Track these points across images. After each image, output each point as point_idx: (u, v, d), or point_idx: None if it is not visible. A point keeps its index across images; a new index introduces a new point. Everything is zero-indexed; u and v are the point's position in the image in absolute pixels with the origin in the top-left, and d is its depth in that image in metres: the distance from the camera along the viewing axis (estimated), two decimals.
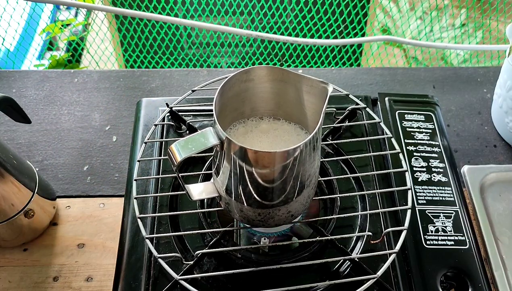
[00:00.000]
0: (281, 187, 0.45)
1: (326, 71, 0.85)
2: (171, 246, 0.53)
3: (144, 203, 0.57)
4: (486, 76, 0.83)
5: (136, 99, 0.73)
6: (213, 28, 0.90)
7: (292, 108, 0.50)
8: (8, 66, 1.15)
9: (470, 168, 0.66)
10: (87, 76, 0.82)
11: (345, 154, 0.61)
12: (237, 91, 0.48)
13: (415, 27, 1.23)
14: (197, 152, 0.42)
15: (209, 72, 0.83)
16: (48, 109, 0.76)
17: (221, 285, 0.51)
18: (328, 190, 0.58)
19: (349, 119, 0.64)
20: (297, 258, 0.52)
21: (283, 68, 0.47)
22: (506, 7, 1.09)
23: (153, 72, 0.82)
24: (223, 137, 0.42)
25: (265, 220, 0.48)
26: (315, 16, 1.17)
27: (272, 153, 0.41)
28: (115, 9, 0.92)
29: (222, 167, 0.45)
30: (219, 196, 0.49)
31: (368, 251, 0.53)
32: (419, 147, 0.63)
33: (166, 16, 1.05)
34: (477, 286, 0.51)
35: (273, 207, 0.47)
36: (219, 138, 0.42)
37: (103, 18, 1.18)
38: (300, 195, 0.47)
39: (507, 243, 0.59)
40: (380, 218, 0.56)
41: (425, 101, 0.68)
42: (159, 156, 0.61)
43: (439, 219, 0.56)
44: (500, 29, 1.11)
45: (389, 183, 0.59)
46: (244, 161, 0.42)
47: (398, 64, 1.29)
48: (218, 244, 0.51)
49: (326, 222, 0.55)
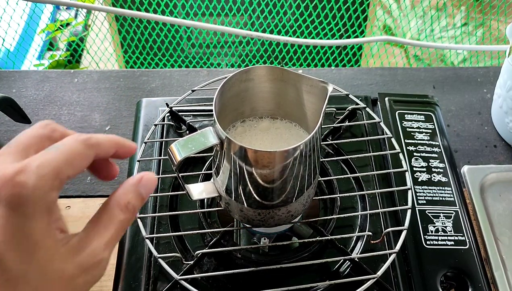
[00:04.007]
0: (281, 187, 0.45)
1: (326, 72, 0.85)
2: (171, 246, 0.53)
3: (144, 203, 0.57)
4: (486, 76, 0.83)
5: (136, 99, 0.73)
6: (213, 29, 0.90)
7: (292, 108, 0.50)
8: (8, 66, 1.15)
9: (470, 168, 0.66)
10: (87, 76, 0.82)
11: (345, 154, 0.61)
12: (236, 91, 0.48)
13: (416, 27, 1.23)
14: (197, 152, 0.41)
15: (209, 73, 0.83)
16: (48, 109, 0.76)
17: (221, 285, 0.51)
18: (328, 190, 0.58)
19: (349, 119, 0.64)
20: (297, 258, 0.52)
21: (283, 68, 0.47)
22: (506, 7, 1.09)
23: (153, 72, 0.82)
24: (223, 137, 0.42)
25: (265, 220, 0.48)
26: (315, 17, 1.17)
27: (272, 152, 0.41)
28: (115, 9, 0.92)
29: (222, 166, 0.45)
30: (219, 196, 0.49)
31: (368, 251, 0.53)
32: (419, 147, 0.63)
33: (166, 17, 1.05)
34: (477, 286, 0.51)
35: (273, 207, 0.47)
36: (219, 138, 0.42)
37: (103, 19, 1.18)
38: (301, 195, 0.47)
39: (507, 243, 0.59)
40: (380, 218, 0.56)
41: (425, 102, 0.68)
42: (159, 156, 0.61)
43: (439, 219, 0.56)
44: (500, 29, 1.11)
45: (389, 183, 0.59)
46: (244, 161, 0.42)
47: (398, 64, 1.29)
48: (218, 244, 0.51)
49: (326, 222, 0.55)
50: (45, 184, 0.28)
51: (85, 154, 0.31)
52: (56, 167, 0.29)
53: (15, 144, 0.31)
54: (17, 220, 0.27)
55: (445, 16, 1.37)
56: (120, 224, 0.33)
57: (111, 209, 0.33)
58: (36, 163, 0.28)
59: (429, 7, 1.14)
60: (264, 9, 1.15)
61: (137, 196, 0.34)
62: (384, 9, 1.33)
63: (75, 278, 0.30)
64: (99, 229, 0.32)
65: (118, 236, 0.33)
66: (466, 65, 1.25)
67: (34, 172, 0.28)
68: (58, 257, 0.29)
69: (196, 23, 0.89)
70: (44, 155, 0.29)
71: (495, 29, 1.12)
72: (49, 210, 0.29)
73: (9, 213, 0.27)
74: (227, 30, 0.88)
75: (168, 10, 1.15)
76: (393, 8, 1.32)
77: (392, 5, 1.28)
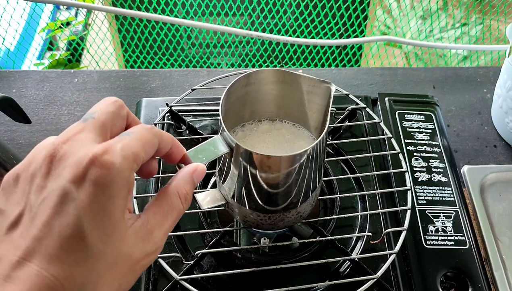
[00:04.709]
0: (293, 190, 0.45)
1: (326, 72, 0.85)
2: (171, 246, 0.53)
3: (144, 203, 0.57)
4: (486, 76, 0.83)
5: (136, 99, 0.73)
6: (213, 29, 0.90)
7: (292, 108, 0.50)
8: (8, 66, 1.15)
9: (470, 168, 0.66)
10: (87, 76, 0.81)
11: (345, 154, 0.61)
12: (238, 95, 0.47)
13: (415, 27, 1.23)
14: (208, 162, 0.40)
15: (209, 72, 0.83)
16: (48, 109, 0.76)
17: (221, 285, 0.51)
18: (328, 190, 0.58)
19: (349, 119, 0.64)
20: (297, 258, 0.52)
21: (284, 70, 0.47)
22: (506, 7, 1.09)
23: (153, 72, 0.82)
24: (233, 145, 0.41)
25: (275, 222, 0.48)
26: (315, 17, 1.17)
27: (286, 156, 0.41)
28: (115, 9, 0.92)
29: (230, 173, 0.44)
30: (226, 203, 0.48)
31: (368, 251, 0.53)
32: (419, 147, 0.63)
33: (166, 16, 1.05)
34: (477, 286, 0.51)
35: (284, 210, 0.47)
36: (229, 146, 0.42)
37: (103, 19, 1.18)
38: (310, 195, 0.47)
39: (507, 243, 0.59)
40: (380, 218, 0.56)
41: (425, 101, 0.68)
42: None
43: (439, 219, 0.56)
44: (500, 29, 1.11)
45: (389, 183, 0.59)
46: (256, 167, 0.42)
47: (398, 64, 1.29)
48: (218, 244, 0.51)
49: (326, 222, 0.55)
50: (129, 165, 0.29)
51: (154, 141, 0.32)
52: (135, 151, 0.30)
53: (93, 121, 0.32)
54: (103, 199, 0.28)
55: (445, 16, 1.37)
56: (179, 213, 0.34)
57: (171, 197, 0.33)
58: (119, 145, 0.30)
59: (429, 7, 1.14)
60: (264, 9, 1.15)
61: (192, 186, 0.35)
62: (384, 8, 1.33)
63: (138, 262, 0.31)
64: (160, 217, 0.32)
65: (174, 224, 0.34)
66: (466, 65, 1.25)
67: (119, 154, 0.29)
68: (128, 240, 0.30)
69: (196, 23, 0.89)
70: (122, 139, 0.30)
71: (495, 29, 1.12)
72: (129, 191, 0.30)
73: (97, 192, 0.28)
74: (227, 30, 0.88)
75: (168, 10, 1.15)
76: (393, 8, 1.32)
77: (392, 5, 1.28)
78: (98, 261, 0.28)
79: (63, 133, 0.31)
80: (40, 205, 0.28)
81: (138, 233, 0.31)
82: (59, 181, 0.28)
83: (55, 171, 0.28)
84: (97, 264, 0.28)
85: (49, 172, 0.28)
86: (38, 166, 0.29)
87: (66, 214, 0.27)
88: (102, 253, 0.28)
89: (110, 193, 0.28)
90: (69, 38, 1.33)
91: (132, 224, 0.31)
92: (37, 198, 0.28)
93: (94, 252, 0.28)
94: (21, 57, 1.20)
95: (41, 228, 0.27)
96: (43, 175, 0.28)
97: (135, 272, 0.31)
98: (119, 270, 0.29)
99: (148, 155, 0.32)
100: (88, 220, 0.27)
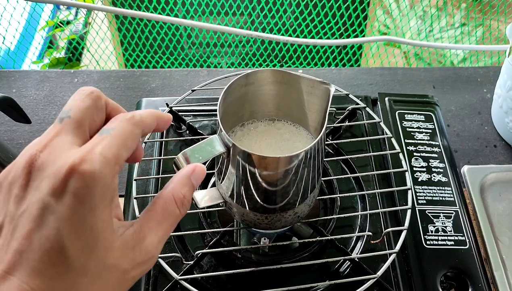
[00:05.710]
0: (290, 191, 0.44)
1: (326, 71, 0.85)
2: (171, 246, 0.53)
3: (144, 203, 0.57)
4: (486, 76, 0.83)
5: (136, 99, 0.73)
6: (213, 28, 0.90)
7: (292, 109, 0.50)
8: (8, 66, 1.15)
9: (470, 168, 0.66)
10: (87, 76, 0.82)
11: (345, 153, 0.61)
12: (237, 95, 0.47)
13: (415, 27, 1.23)
14: (205, 161, 0.40)
15: (209, 72, 0.83)
16: (48, 109, 0.76)
17: (221, 285, 0.51)
18: (328, 190, 0.58)
19: (349, 119, 0.64)
20: (297, 258, 0.52)
21: (283, 70, 0.47)
22: (506, 7, 1.09)
23: (153, 72, 0.82)
24: (230, 144, 0.41)
25: (272, 223, 0.48)
26: (314, 17, 1.17)
27: (282, 157, 0.41)
28: (115, 9, 0.92)
29: (227, 172, 0.44)
30: (223, 202, 0.48)
31: (368, 251, 0.53)
32: (419, 147, 0.63)
33: (166, 16, 1.05)
34: (477, 286, 0.51)
35: (281, 210, 0.47)
36: (226, 146, 0.42)
37: (103, 18, 1.18)
38: (307, 196, 0.47)
39: (507, 243, 0.59)
40: (380, 218, 0.56)
41: (425, 101, 0.68)
42: (159, 155, 0.61)
43: (439, 219, 0.56)
44: (500, 29, 1.11)
45: (389, 183, 0.59)
46: (253, 167, 0.42)
47: (398, 64, 1.29)
48: (218, 244, 0.51)
49: (326, 222, 0.55)
50: (110, 172, 0.28)
51: (135, 133, 0.31)
52: (115, 153, 0.29)
53: (69, 122, 0.30)
54: (83, 211, 0.27)
55: (444, 15, 1.37)
56: (175, 219, 0.33)
57: (167, 203, 0.32)
58: (99, 148, 0.28)
59: (428, 7, 1.14)
60: (264, 9, 1.15)
61: (190, 188, 0.34)
62: (383, 8, 1.33)
63: (127, 273, 0.30)
64: (154, 225, 0.31)
65: (171, 230, 0.32)
66: (466, 65, 1.25)
67: (99, 160, 0.28)
68: (114, 251, 0.29)
69: (196, 23, 0.89)
70: (102, 140, 0.29)
71: (495, 29, 1.12)
72: (112, 199, 0.29)
73: (76, 204, 0.27)
74: (227, 30, 0.88)
75: (168, 9, 1.15)
76: (392, 8, 1.32)
77: (391, 5, 1.28)
78: (80, 274, 0.27)
79: (40, 138, 0.30)
80: (20, 217, 0.27)
81: (128, 242, 0.30)
82: (38, 194, 0.27)
83: (34, 183, 0.28)
84: (80, 277, 0.27)
85: (28, 184, 0.28)
86: (17, 176, 0.28)
87: (46, 227, 0.27)
88: (84, 265, 0.27)
89: (90, 204, 0.27)
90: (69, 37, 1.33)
91: (123, 232, 0.30)
92: (17, 210, 0.27)
93: (75, 265, 0.27)
94: (21, 56, 1.20)
95: (22, 241, 0.27)
96: (21, 185, 0.28)
97: (125, 283, 0.30)
98: (106, 282, 0.29)
99: (131, 149, 0.31)
100: (69, 233, 0.27)
